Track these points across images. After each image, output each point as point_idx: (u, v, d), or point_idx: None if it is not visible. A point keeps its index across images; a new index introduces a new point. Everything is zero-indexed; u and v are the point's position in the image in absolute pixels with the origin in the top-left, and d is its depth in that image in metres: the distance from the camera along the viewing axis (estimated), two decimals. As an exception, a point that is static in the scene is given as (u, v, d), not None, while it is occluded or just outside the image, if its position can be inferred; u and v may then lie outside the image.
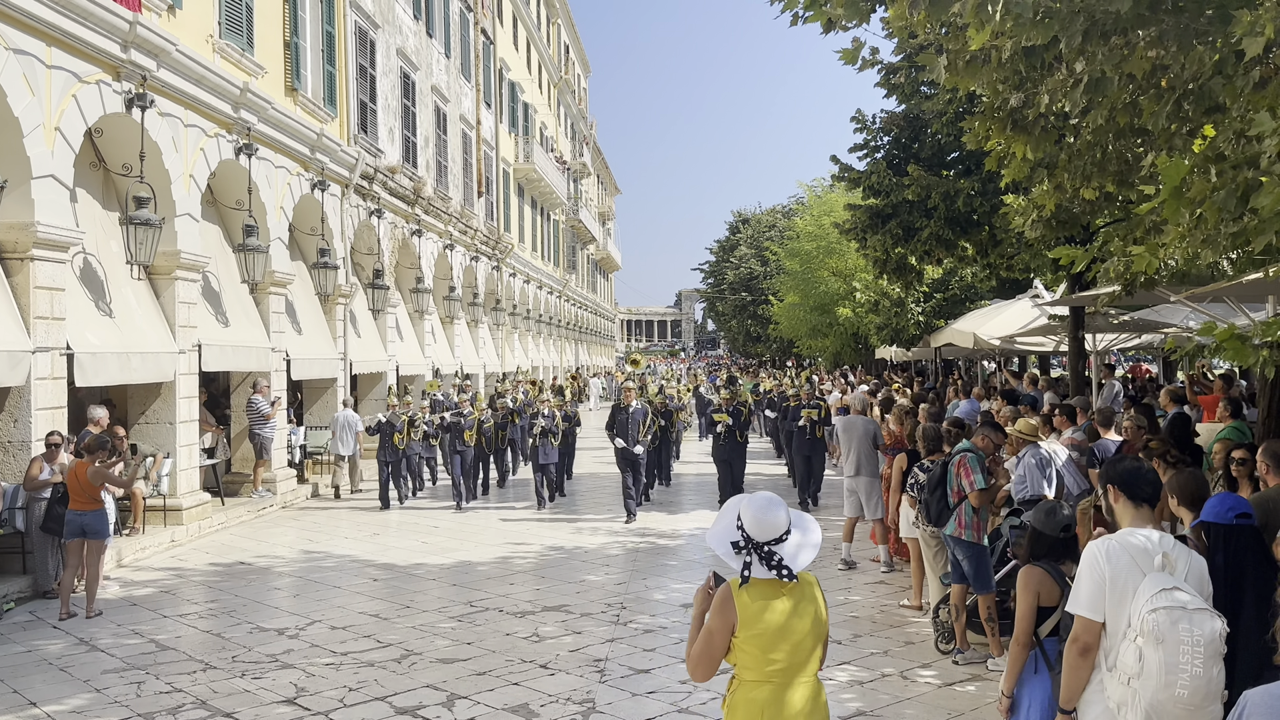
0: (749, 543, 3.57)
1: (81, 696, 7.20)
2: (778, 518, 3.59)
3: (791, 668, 3.53)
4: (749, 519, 3.59)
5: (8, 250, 10.58)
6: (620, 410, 14.98)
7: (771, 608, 3.52)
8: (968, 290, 25.59)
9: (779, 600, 3.55)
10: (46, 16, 10.63)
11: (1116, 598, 3.66)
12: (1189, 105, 6.39)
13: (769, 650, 3.50)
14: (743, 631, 3.50)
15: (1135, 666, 3.51)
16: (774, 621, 3.50)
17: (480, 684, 7.26)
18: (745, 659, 3.53)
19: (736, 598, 3.53)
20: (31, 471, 10.31)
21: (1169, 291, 11.26)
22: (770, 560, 3.55)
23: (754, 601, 3.52)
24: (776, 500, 3.66)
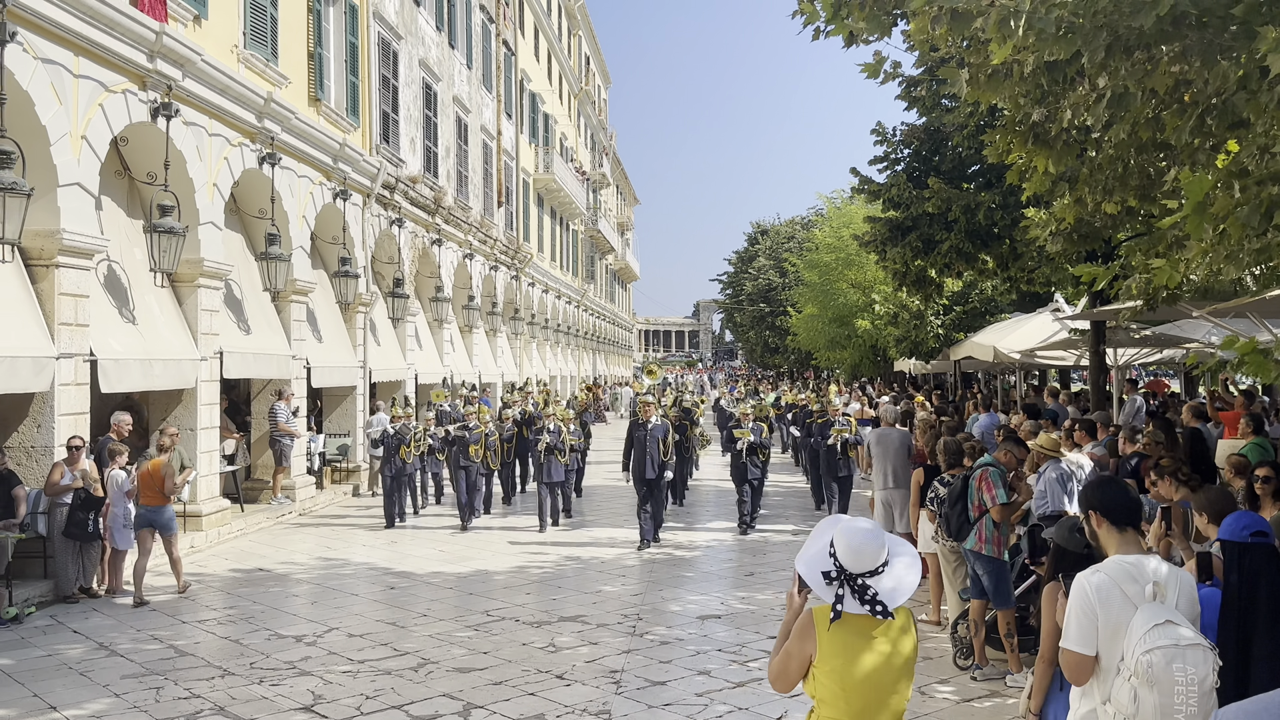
0: (842, 574, 3.31)
1: (101, 701, 7.25)
2: (875, 548, 3.33)
3: (872, 708, 3.29)
4: (843, 548, 3.33)
5: (33, 257, 10.69)
6: (638, 427, 13.65)
7: (858, 645, 3.27)
8: (988, 303, 25.49)
9: (868, 637, 3.28)
10: (75, 26, 10.76)
11: (1109, 633, 3.62)
12: (1212, 120, 6.36)
13: (850, 689, 3.25)
14: (822, 665, 3.27)
15: (1130, 707, 3.49)
16: (859, 660, 3.26)
17: (496, 693, 7.27)
18: (824, 693, 3.30)
19: (819, 628, 3.29)
20: (53, 477, 10.40)
21: (1191, 306, 11.20)
22: (864, 595, 3.29)
23: (838, 636, 3.27)
24: (875, 528, 3.39)
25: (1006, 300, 24.27)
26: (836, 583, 3.31)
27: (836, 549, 3.34)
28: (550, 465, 14.56)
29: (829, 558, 3.35)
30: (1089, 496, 3.95)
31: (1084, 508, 4.00)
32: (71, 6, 10.63)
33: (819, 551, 3.40)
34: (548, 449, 14.53)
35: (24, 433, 10.73)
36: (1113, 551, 3.83)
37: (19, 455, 10.65)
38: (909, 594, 3.35)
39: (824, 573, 3.34)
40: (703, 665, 7.96)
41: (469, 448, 15.13)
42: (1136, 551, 3.80)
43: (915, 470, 10.08)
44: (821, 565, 3.36)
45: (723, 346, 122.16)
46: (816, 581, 3.33)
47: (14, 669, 8.04)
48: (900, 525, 11.29)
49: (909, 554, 3.44)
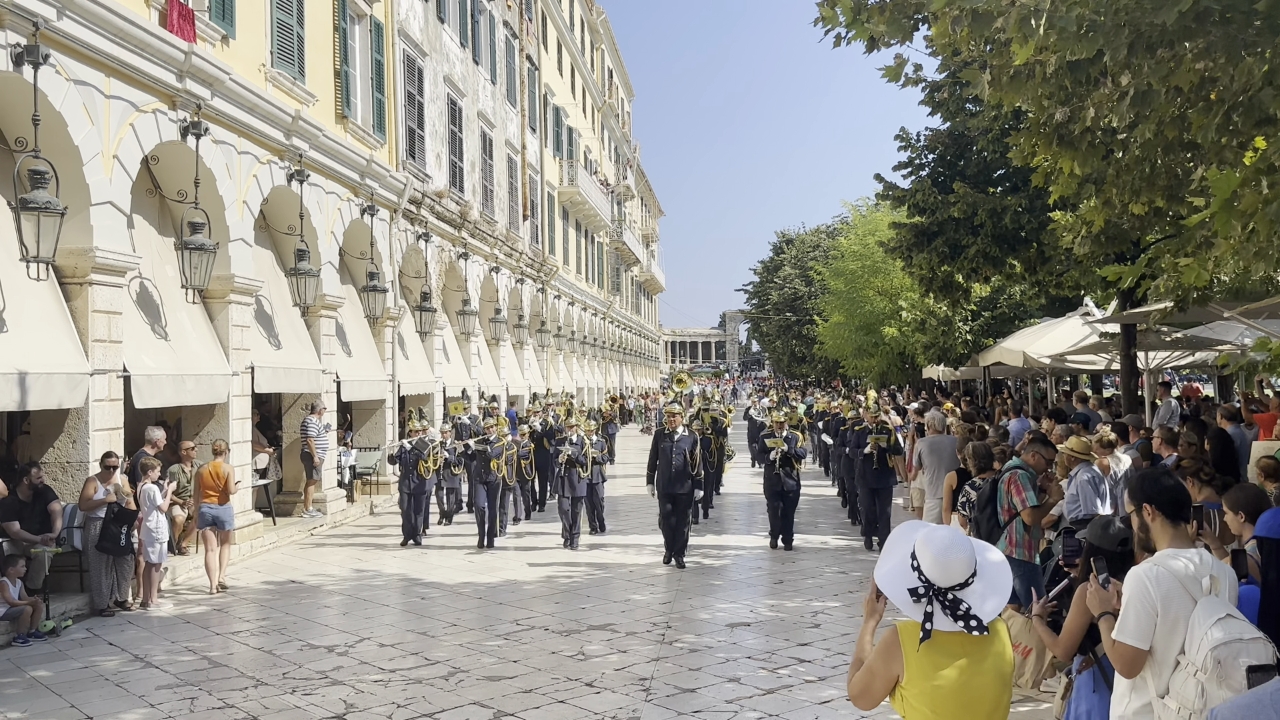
0: (930, 589, 3.07)
1: (136, 711, 7.33)
2: (963, 560, 3.08)
3: None
4: (928, 561, 3.08)
5: (67, 275, 10.86)
6: (664, 438, 12.74)
7: (949, 664, 3.03)
8: (1016, 308, 25.33)
9: (959, 655, 3.04)
10: (105, 48, 10.94)
11: (1168, 626, 3.60)
12: (1239, 117, 6.31)
13: (944, 711, 3.02)
14: (912, 687, 3.04)
15: (1198, 702, 3.46)
16: (951, 680, 3.02)
17: (526, 701, 7.28)
18: (915, 715, 3.06)
19: (905, 648, 3.06)
20: (86, 492, 10.53)
21: (1222, 307, 11.09)
22: (956, 610, 3.03)
23: (928, 655, 3.03)
24: (960, 538, 3.15)
25: (1035, 305, 24.10)
26: (925, 599, 3.06)
27: (921, 562, 3.10)
28: (572, 479, 13.97)
29: (912, 572, 3.11)
30: (1144, 489, 3.86)
31: (1137, 500, 3.90)
32: (102, 28, 10.82)
33: (899, 565, 3.17)
34: (569, 462, 13.95)
35: (60, 448, 10.88)
36: (1165, 545, 3.79)
37: (55, 470, 10.80)
38: (1004, 605, 3.13)
39: (910, 589, 3.10)
40: (732, 672, 7.94)
41: (490, 462, 14.49)
42: (1188, 545, 3.78)
43: (948, 475, 10.01)
44: (905, 580, 3.12)
45: (749, 357, 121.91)
46: (902, 599, 3.11)
47: (51, 680, 8.14)
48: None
49: (997, 560, 3.23)
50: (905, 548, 3.18)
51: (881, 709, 3.41)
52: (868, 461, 13.54)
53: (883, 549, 3.30)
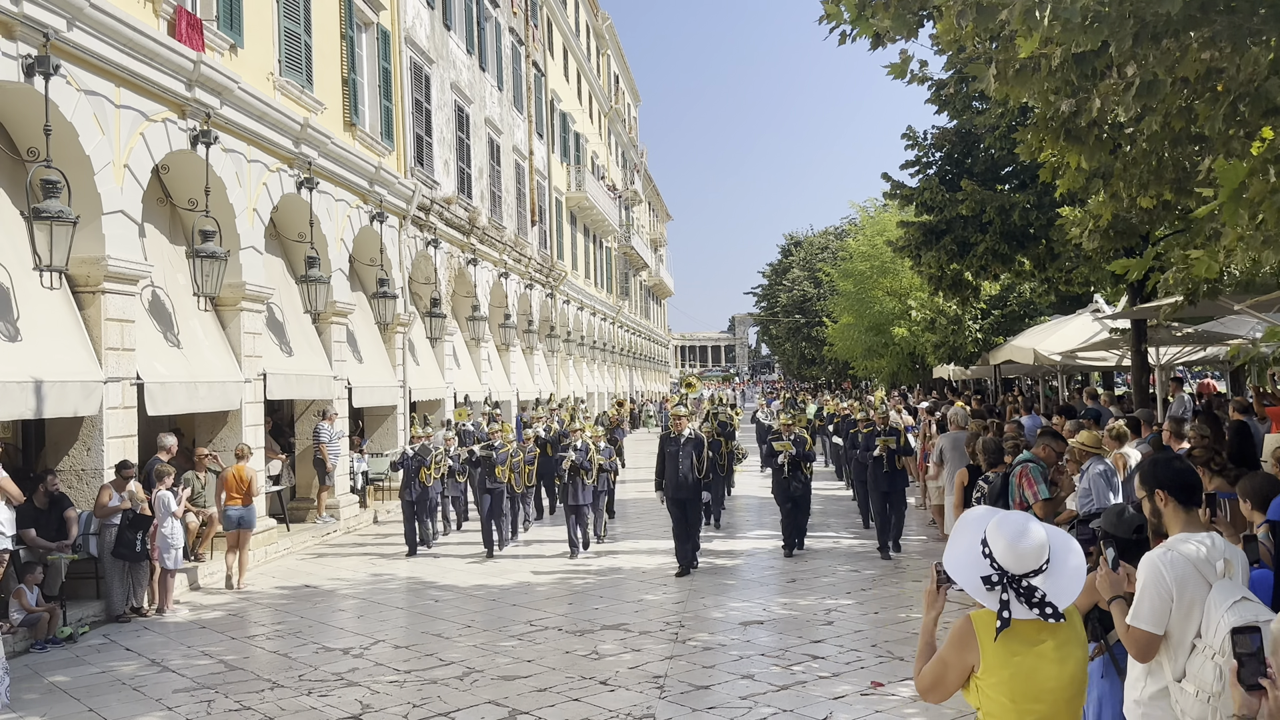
0: (1004, 577, 3.01)
1: (154, 715, 7.37)
2: (1037, 545, 3.03)
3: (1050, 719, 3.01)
4: (1001, 548, 3.03)
5: (80, 284, 10.94)
6: (669, 441, 12.36)
7: (1027, 652, 2.99)
8: (1026, 306, 25.28)
9: (1037, 643, 3.00)
10: (115, 58, 11.03)
11: (1184, 611, 3.61)
12: (1245, 107, 6.31)
13: (1022, 700, 2.97)
14: (988, 677, 3.00)
15: (1217, 685, 3.46)
16: (1029, 668, 2.98)
17: (541, 700, 7.31)
18: (991, 705, 3.01)
19: (980, 638, 3.02)
20: (101, 499, 10.59)
21: (1232, 301, 11.07)
22: (1031, 598, 3.00)
23: (1004, 644, 2.99)
24: (1033, 524, 3.10)
25: (1045, 303, 24.05)
26: (999, 587, 3.00)
27: (993, 549, 3.04)
28: (576, 487, 13.36)
29: (984, 559, 3.05)
30: (1155, 475, 3.87)
31: (1148, 486, 3.89)
32: (112, 39, 10.90)
33: (969, 552, 3.11)
34: (573, 469, 13.35)
35: (74, 456, 10.95)
36: (1178, 530, 3.80)
37: (70, 478, 10.87)
38: (1078, 590, 3.08)
39: (983, 577, 3.04)
40: (746, 669, 7.95)
41: (495, 469, 13.90)
42: (1200, 530, 3.78)
43: (959, 471, 10.00)
44: (977, 568, 3.06)
45: (759, 360, 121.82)
46: (975, 587, 3.04)
47: (69, 685, 8.19)
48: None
49: (1071, 545, 3.17)
50: (973, 535, 3.14)
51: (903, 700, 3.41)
52: (877, 464, 13.11)
53: (949, 536, 3.25)
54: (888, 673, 7.75)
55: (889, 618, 9.59)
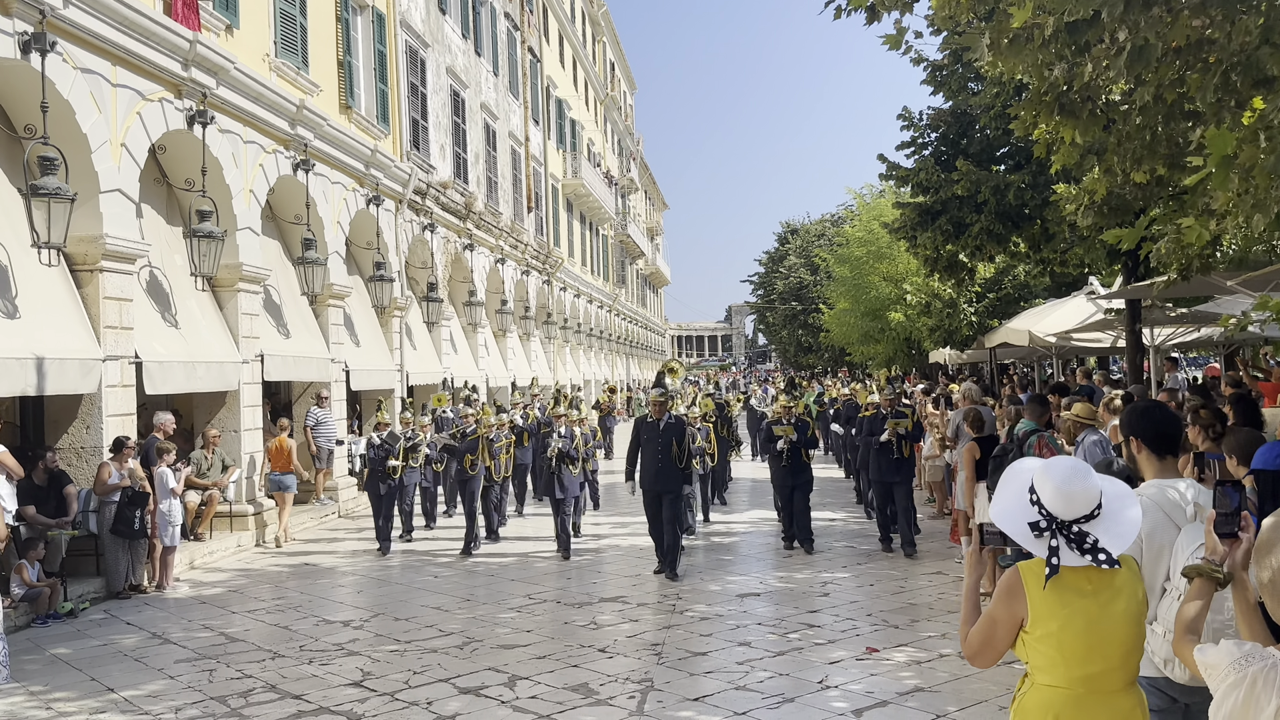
0: (1053, 522, 2.92)
1: (157, 683, 7.44)
2: (1089, 489, 2.92)
3: (1103, 674, 2.89)
4: (1049, 493, 2.93)
5: (78, 262, 10.97)
6: (645, 425, 11.03)
7: (1079, 603, 2.87)
8: (1021, 289, 25.34)
9: (1088, 593, 2.89)
10: (112, 37, 11.04)
11: (1153, 555, 3.65)
12: (1237, 77, 6.37)
13: (1073, 653, 2.86)
14: (1036, 629, 2.89)
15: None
16: (1080, 618, 2.87)
17: (540, 666, 7.39)
18: (1040, 660, 2.91)
19: (1029, 588, 2.91)
20: (101, 476, 10.63)
21: (1224, 277, 11.14)
22: (1083, 543, 2.88)
23: (1054, 594, 2.88)
24: (1082, 467, 2.99)
25: (1040, 285, 24.12)
26: (1049, 534, 2.90)
27: (1041, 495, 2.95)
28: (562, 476, 12.01)
29: (1031, 506, 2.96)
30: (1131, 423, 3.92)
31: (1125, 433, 3.95)
32: (108, 17, 10.91)
33: (1015, 500, 3.02)
34: (559, 456, 12.01)
35: (73, 433, 10.99)
36: (1151, 476, 3.84)
37: (69, 456, 10.91)
38: (1135, 534, 2.98)
39: (1031, 524, 2.94)
40: (743, 638, 8.03)
41: (464, 458, 12.91)
42: (1174, 477, 3.84)
43: (969, 443, 9.92)
44: (1025, 516, 2.96)
45: (756, 350, 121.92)
46: (1022, 534, 2.95)
47: (72, 657, 8.25)
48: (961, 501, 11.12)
49: (1122, 490, 3.07)
50: (1019, 483, 3.05)
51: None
52: (884, 451, 11.84)
53: (994, 490, 3.19)
54: (883, 639, 7.84)
55: (885, 589, 9.68)
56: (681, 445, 10.83)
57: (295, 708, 6.69)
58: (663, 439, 10.75)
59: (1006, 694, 6.45)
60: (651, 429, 10.89)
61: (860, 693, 6.58)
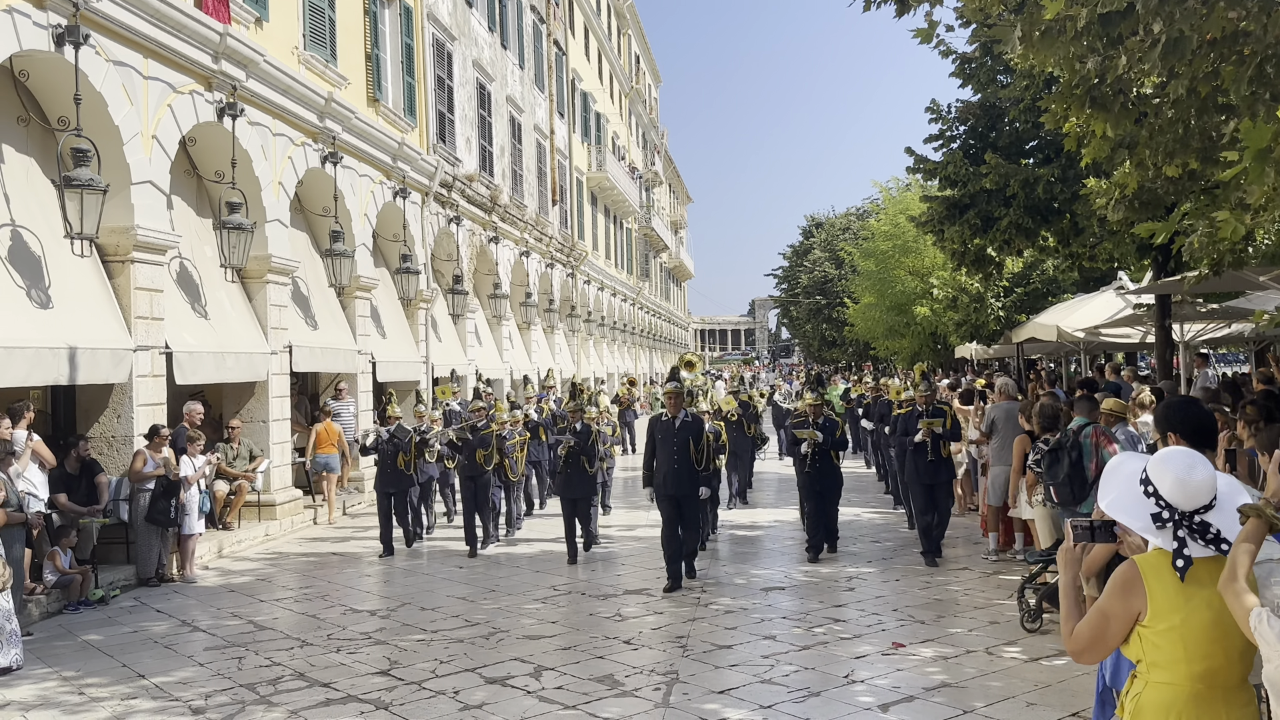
0: (1175, 513, 2.87)
1: (187, 670, 7.52)
2: (1208, 480, 2.89)
3: (1223, 669, 2.81)
4: (1169, 484, 2.88)
5: (109, 253, 11.08)
6: (659, 424, 10.21)
7: (1200, 594, 2.81)
8: (1049, 284, 25.15)
9: (1207, 584, 2.81)
10: (144, 30, 11.14)
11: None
12: (1272, 69, 6.30)
13: (1196, 648, 2.79)
14: (1156, 623, 2.82)
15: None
16: (1205, 611, 2.79)
17: (566, 657, 7.41)
18: (1157, 655, 2.84)
19: (1149, 582, 2.85)
20: (135, 465, 10.75)
21: (1256, 273, 11.02)
22: (1205, 534, 2.84)
23: (1175, 586, 2.82)
24: (1199, 457, 2.95)
25: (1069, 280, 23.93)
26: (1173, 524, 2.86)
27: (1159, 486, 2.90)
28: (574, 476, 11.22)
29: (1148, 499, 2.92)
30: (1168, 418, 3.91)
31: (1162, 428, 3.94)
32: (140, 10, 11.01)
33: (1127, 493, 2.98)
34: (571, 453, 11.17)
35: (104, 423, 11.12)
36: None
37: (100, 445, 11.03)
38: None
39: (1153, 515, 2.89)
40: (768, 631, 8.03)
41: (475, 453, 12.05)
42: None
43: (1019, 438, 9.76)
44: (1145, 507, 2.92)
45: (779, 344, 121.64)
46: (1145, 527, 2.90)
47: (103, 644, 8.35)
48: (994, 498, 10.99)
49: (1229, 479, 3.03)
50: (1128, 476, 3.02)
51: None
52: (919, 451, 10.96)
53: (1099, 484, 3.14)
54: (909, 634, 7.82)
55: (910, 584, 9.65)
56: (699, 445, 10.00)
57: (323, 695, 6.75)
58: (679, 438, 9.92)
59: (1034, 690, 6.42)
60: (666, 428, 10.06)
61: (886, 688, 6.57)
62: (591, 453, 11.38)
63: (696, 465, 9.94)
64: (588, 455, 11.30)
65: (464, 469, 12.21)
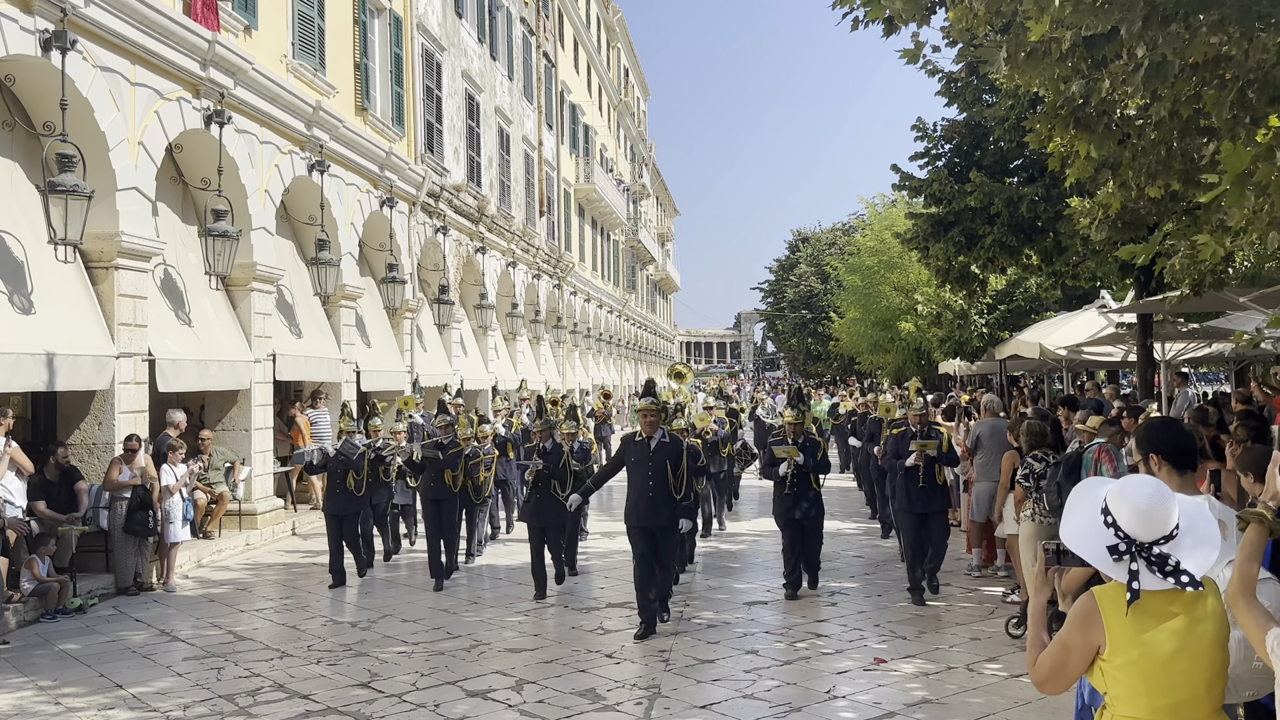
0: (1131, 545, 2.80)
1: (165, 680, 7.46)
2: (1167, 510, 2.81)
3: (1189, 702, 2.75)
4: (1127, 514, 2.82)
5: (93, 259, 11.03)
6: (632, 444, 8.80)
7: (1159, 628, 2.75)
8: (1032, 301, 25.32)
9: (1169, 616, 2.77)
10: (132, 36, 11.11)
11: None
12: (1253, 94, 6.38)
13: (1156, 682, 2.73)
14: (1116, 657, 2.77)
15: None
16: (1162, 645, 2.74)
17: (548, 670, 7.40)
18: (1119, 689, 2.79)
19: (1106, 615, 2.79)
20: (111, 475, 10.67)
21: (1237, 294, 11.13)
22: (1164, 566, 2.77)
23: (1135, 620, 2.76)
24: (1161, 487, 2.87)
25: (1051, 298, 24.09)
26: (1128, 556, 2.79)
27: (1117, 516, 2.84)
28: (543, 503, 10.09)
29: (1107, 529, 2.85)
30: (1149, 439, 3.90)
31: (1144, 450, 3.92)
32: (128, 16, 10.99)
33: (1087, 523, 2.91)
34: (540, 476, 10.07)
35: (85, 430, 11.05)
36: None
37: (81, 452, 10.96)
38: (1213, 558, 2.84)
39: (1109, 547, 2.82)
40: (750, 645, 8.04)
41: (443, 474, 10.94)
42: (1194, 493, 3.83)
43: (1008, 453, 9.75)
44: (1101, 539, 2.85)
45: (765, 357, 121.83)
46: (1100, 558, 2.84)
47: (80, 653, 8.29)
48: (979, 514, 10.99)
49: (1199, 507, 2.96)
50: (1089, 504, 2.96)
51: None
52: (911, 476, 9.87)
53: (1062, 511, 3.09)
54: (891, 650, 7.83)
55: (892, 599, 9.67)
56: (678, 470, 8.65)
57: (303, 707, 6.72)
58: (654, 462, 8.55)
59: (1015, 707, 6.45)
60: (640, 450, 8.68)
61: (868, 703, 6.58)
62: (563, 475, 10.16)
63: (675, 493, 8.60)
64: (559, 478, 10.12)
65: (427, 491, 11.02)
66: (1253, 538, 2.76)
